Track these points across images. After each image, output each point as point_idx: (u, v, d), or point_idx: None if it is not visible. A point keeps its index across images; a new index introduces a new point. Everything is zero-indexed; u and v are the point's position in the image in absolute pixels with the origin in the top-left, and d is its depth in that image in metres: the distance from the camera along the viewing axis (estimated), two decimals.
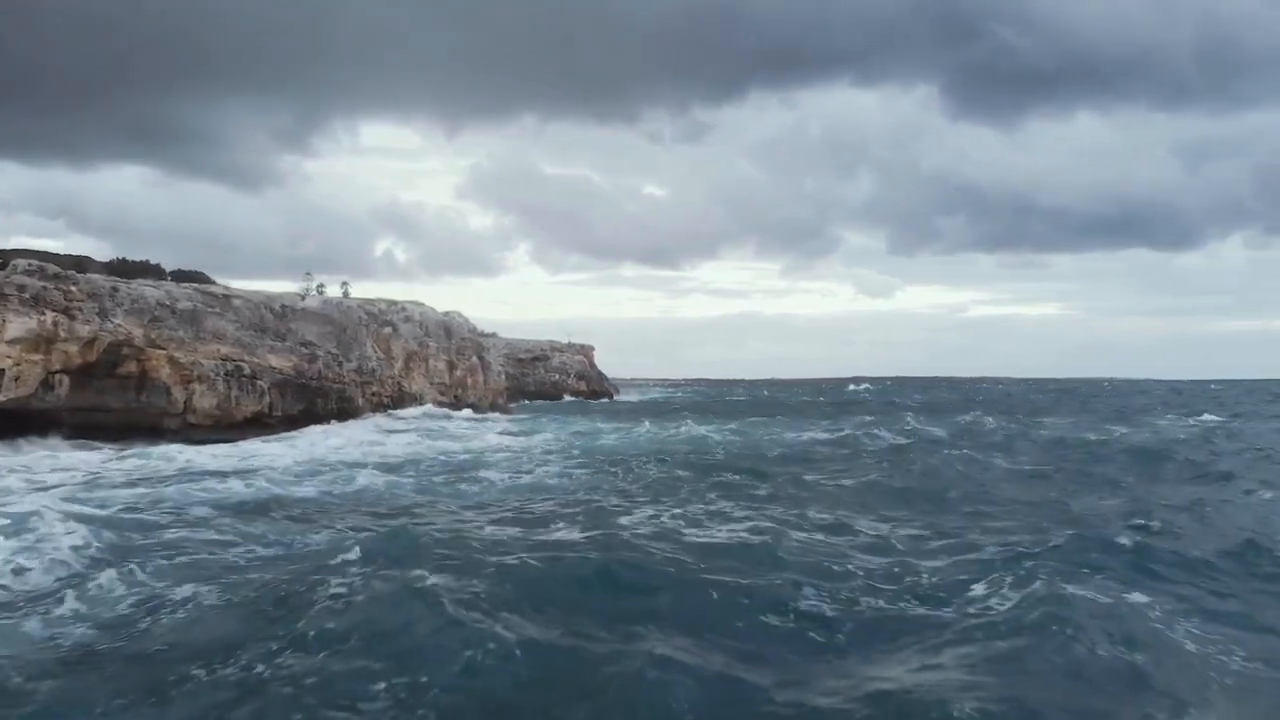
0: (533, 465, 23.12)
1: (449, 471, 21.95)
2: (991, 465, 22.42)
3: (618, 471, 20.91)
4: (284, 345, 35.61)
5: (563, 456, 25.56)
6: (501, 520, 14.11)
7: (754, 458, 24.87)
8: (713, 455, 25.80)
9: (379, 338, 38.43)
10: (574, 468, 22.54)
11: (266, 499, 16.89)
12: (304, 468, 22.43)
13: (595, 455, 25.86)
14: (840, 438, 31.08)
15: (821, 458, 25.15)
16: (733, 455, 25.84)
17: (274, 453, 26.69)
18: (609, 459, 24.13)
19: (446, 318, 40.91)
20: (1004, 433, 32.96)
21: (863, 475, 20.13)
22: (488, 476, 20.52)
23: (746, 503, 15.69)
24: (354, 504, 16.89)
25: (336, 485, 19.14)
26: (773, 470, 21.24)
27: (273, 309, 36.04)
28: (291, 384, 35.29)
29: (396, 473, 21.30)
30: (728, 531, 12.86)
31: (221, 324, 34.37)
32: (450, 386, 40.10)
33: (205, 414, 32.94)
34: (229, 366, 33.79)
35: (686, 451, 26.66)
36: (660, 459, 23.31)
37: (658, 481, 18.66)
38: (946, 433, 33.10)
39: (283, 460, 24.34)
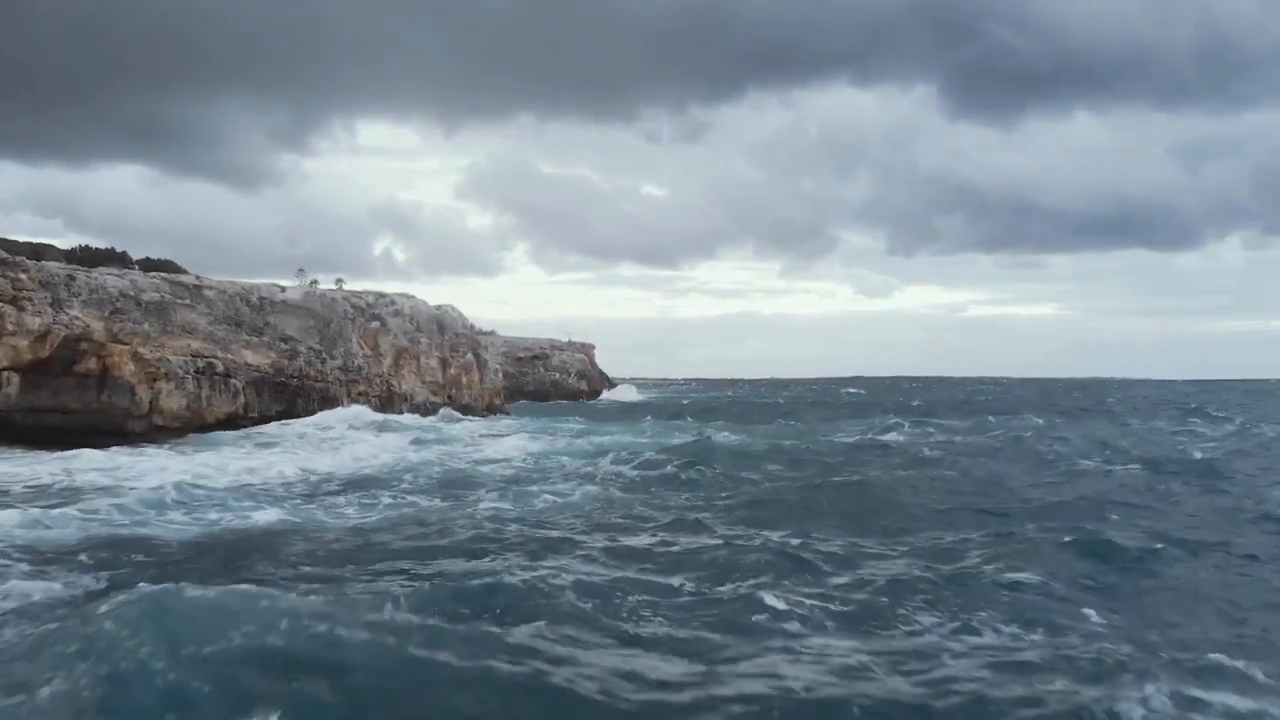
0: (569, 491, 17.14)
1: (440, 490, 18.40)
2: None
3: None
4: (261, 340, 32.73)
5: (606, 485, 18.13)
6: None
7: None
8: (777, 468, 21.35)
9: (366, 333, 35.56)
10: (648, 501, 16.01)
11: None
12: (185, 495, 16.41)
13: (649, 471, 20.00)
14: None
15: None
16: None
17: (167, 469, 21.10)
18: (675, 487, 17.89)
19: (439, 312, 38.04)
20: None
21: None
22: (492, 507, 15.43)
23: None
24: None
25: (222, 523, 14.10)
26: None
27: (249, 301, 33.15)
28: (269, 383, 32.41)
29: (316, 502, 16.29)
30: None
31: (192, 317, 31.47)
32: (443, 386, 37.23)
33: (173, 415, 30.05)
34: (200, 364, 30.91)
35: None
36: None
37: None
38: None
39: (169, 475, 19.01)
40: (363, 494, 17.40)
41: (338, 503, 16.33)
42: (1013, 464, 22.32)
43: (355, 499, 16.74)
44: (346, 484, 18.99)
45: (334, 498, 16.98)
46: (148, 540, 12.45)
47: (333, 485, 18.87)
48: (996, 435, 30.69)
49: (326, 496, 17.15)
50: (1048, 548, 11.11)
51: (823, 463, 22.69)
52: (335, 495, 17.32)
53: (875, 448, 26.95)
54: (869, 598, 8.94)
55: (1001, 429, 32.94)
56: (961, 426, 33.31)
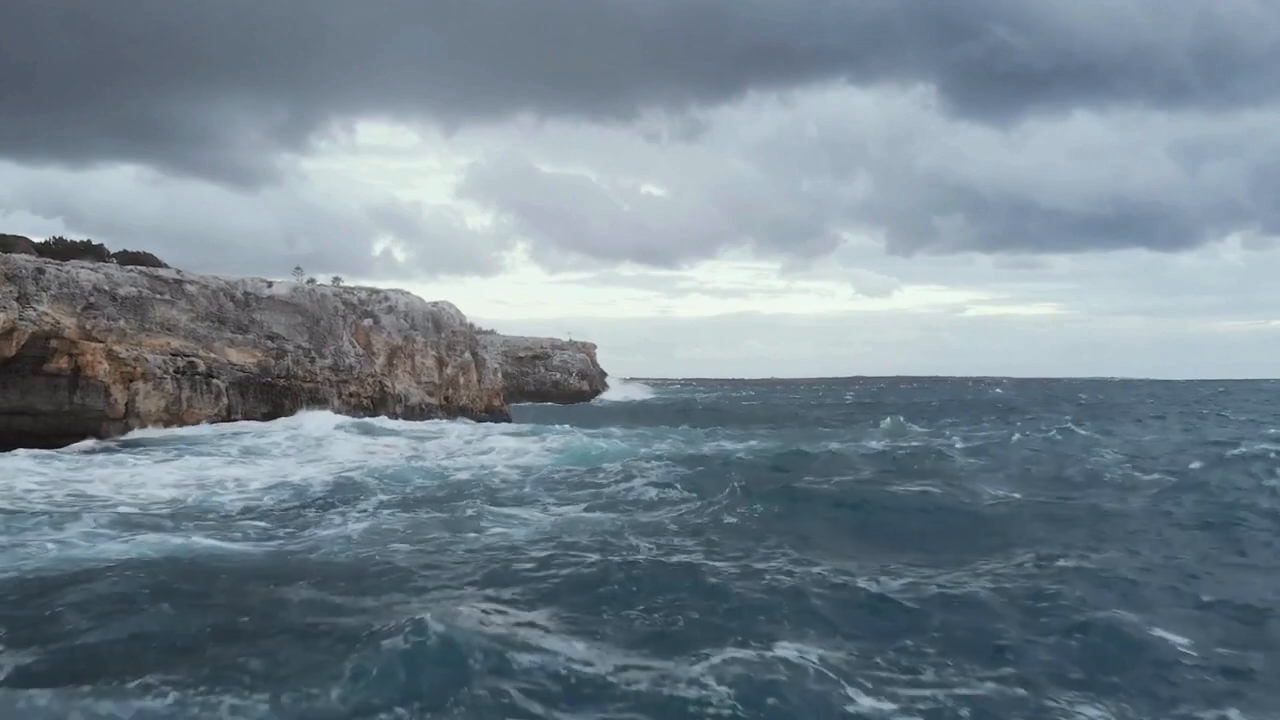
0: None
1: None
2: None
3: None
4: (246, 338, 30.88)
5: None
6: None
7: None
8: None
9: (358, 330, 33.70)
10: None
11: None
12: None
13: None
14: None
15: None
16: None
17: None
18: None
19: (435, 309, 36.17)
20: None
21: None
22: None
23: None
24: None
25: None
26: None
27: (234, 296, 31.30)
28: (255, 383, 30.56)
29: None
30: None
31: (172, 313, 29.63)
32: (440, 386, 35.37)
33: (151, 417, 28.22)
34: (180, 363, 29.07)
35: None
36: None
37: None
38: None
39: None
40: (287, 523, 14.07)
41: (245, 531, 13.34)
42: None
43: (276, 527, 13.68)
44: (267, 510, 15.28)
45: (251, 521, 14.15)
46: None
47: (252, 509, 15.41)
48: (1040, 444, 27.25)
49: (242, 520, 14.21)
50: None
51: (888, 499, 15.60)
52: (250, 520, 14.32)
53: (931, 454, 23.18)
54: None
55: (1034, 434, 29.95)
56: (998, 435, 29.95)
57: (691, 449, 24.90)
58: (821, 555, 11.00)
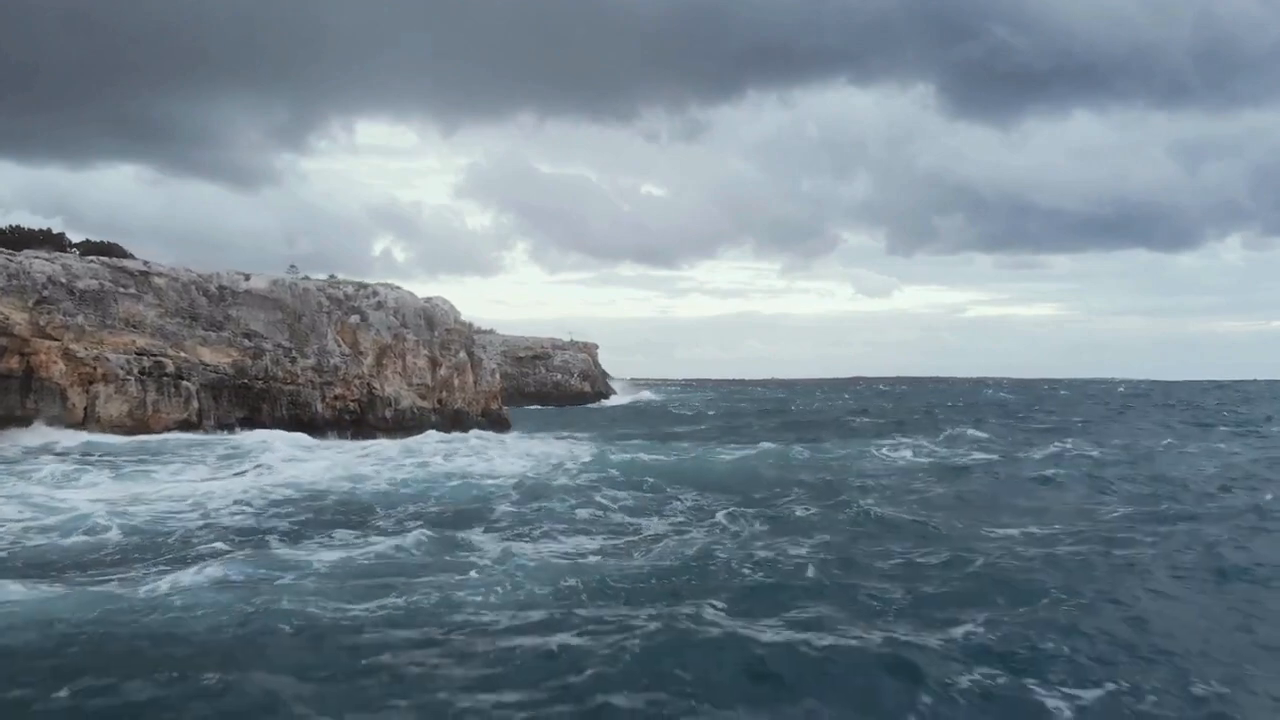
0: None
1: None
2: None
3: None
4: (221, 336, 28.29)
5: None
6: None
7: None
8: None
9: (344, 328, 31.09)
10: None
11: None
12: None
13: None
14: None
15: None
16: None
17: None
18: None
19: (428, 305, 33.56)
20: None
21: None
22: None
23: None
24: None
25: None
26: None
27: (207, 290, 28.69)
28: (229, 385, 27.95)
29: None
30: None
31: (138, 309, 27.04)
32: (433, 388, 32.77)
33: (113, 423, 25.64)
34: (146, 363, 26.48)
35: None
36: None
37: None
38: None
39: None
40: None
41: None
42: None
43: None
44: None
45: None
46: None
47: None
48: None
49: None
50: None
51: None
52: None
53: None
54: None
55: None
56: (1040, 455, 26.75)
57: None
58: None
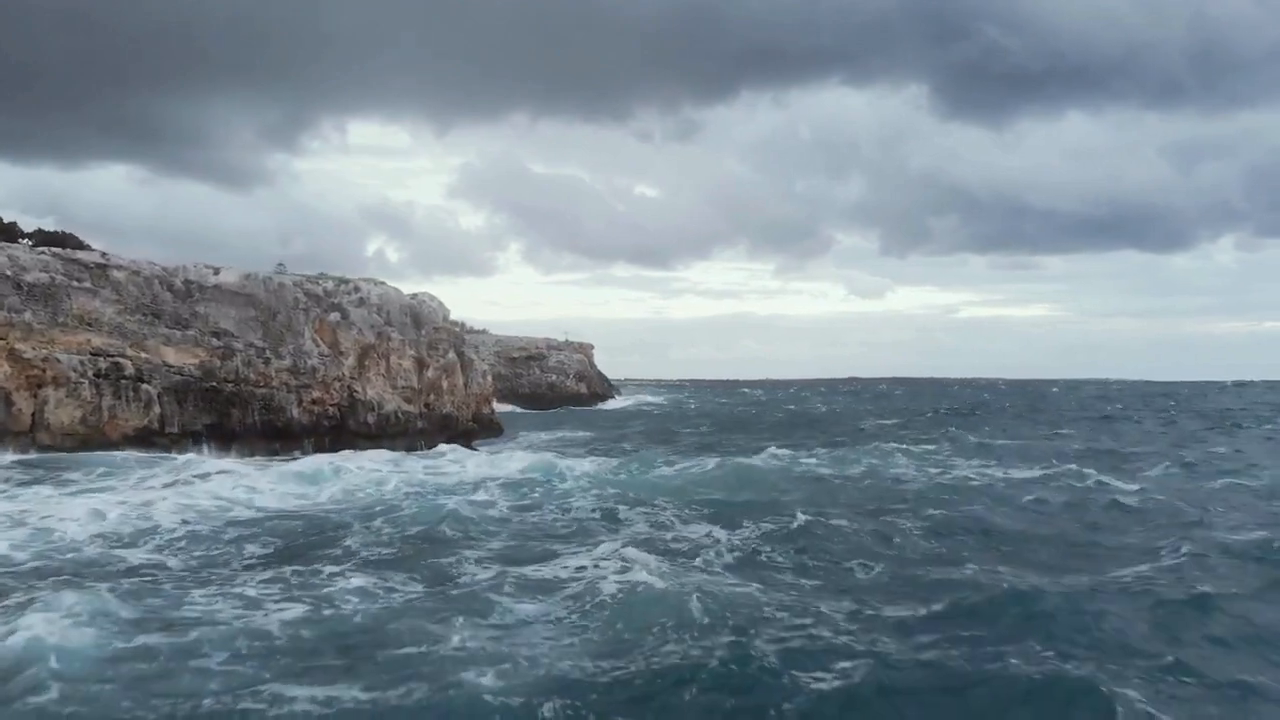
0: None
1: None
2: None
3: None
4: (187, 335, 25.96)
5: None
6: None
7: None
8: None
9: (322, 326, 28.78)
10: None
11: None
12: None
13: None
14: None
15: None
16: None
17: None
18: None
19: (415, 302, 31.25)
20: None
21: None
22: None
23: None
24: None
25: None
26: None
27: (172, 285, 26.36)
28: (195, 388, 25.62)
29: None
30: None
31: (94, 304, 24.71)
32: (419, 391, 30.47)
33: (64, 431, 23.32)
34: (102, 364, 24.15)
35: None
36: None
37: None
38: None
39: None
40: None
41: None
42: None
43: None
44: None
45: None
46: None
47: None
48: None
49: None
50: None
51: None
52: None
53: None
54: None
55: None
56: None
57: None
58: None
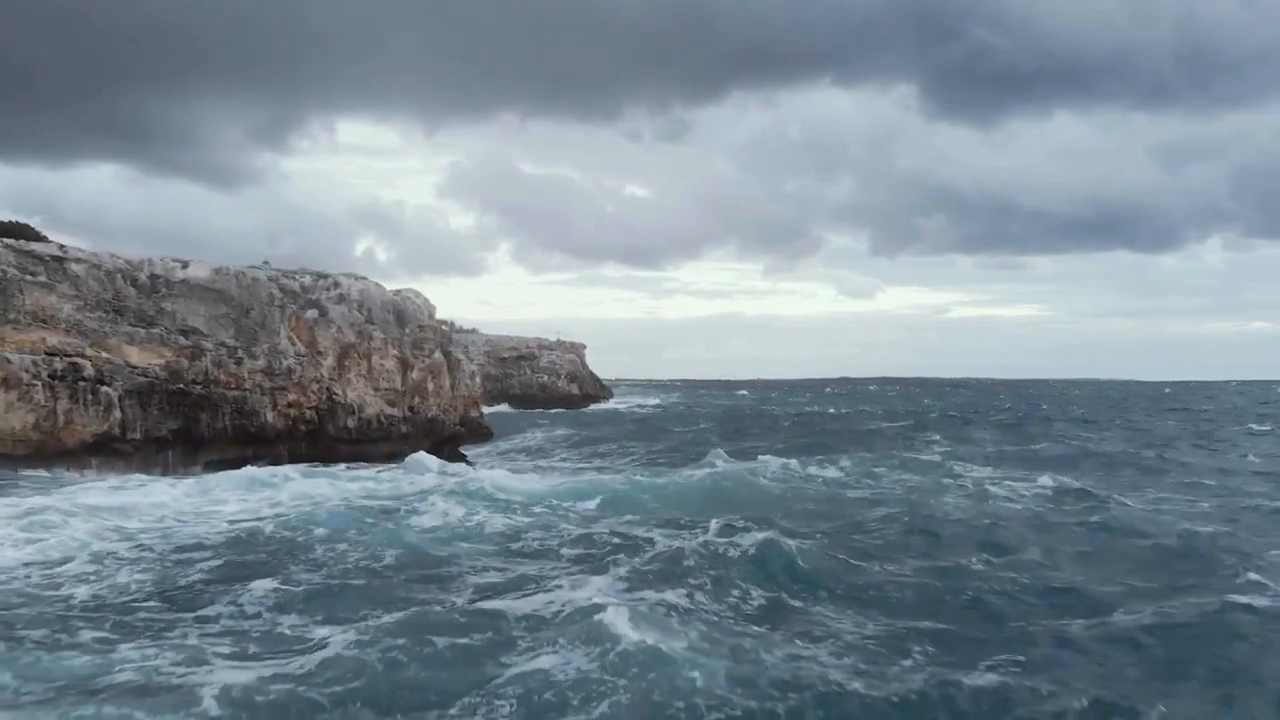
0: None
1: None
2: None
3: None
4: (152, 333, 24.17)
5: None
6: None
7: None
8: None
9: (299, 324, 27.01)
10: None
11: None
12: None
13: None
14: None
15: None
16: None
17: None
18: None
19: (398, 298, 29.51)
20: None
21: None
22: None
23: None
24: None
25: None
26: None
27: (136, 280, 24.55)
28: (161, 390, 23.83)
29: None
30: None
31: (49, 300, 22.89)
32: (403, 394, 28.72)
33: (15, 438, 21.50)
34: (59, 364, 22.34)
35: None
36: None
37: None
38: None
39: None
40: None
41: None
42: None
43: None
44: None
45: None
46: None
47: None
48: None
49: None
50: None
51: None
52: None
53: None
54: None
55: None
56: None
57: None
58: None
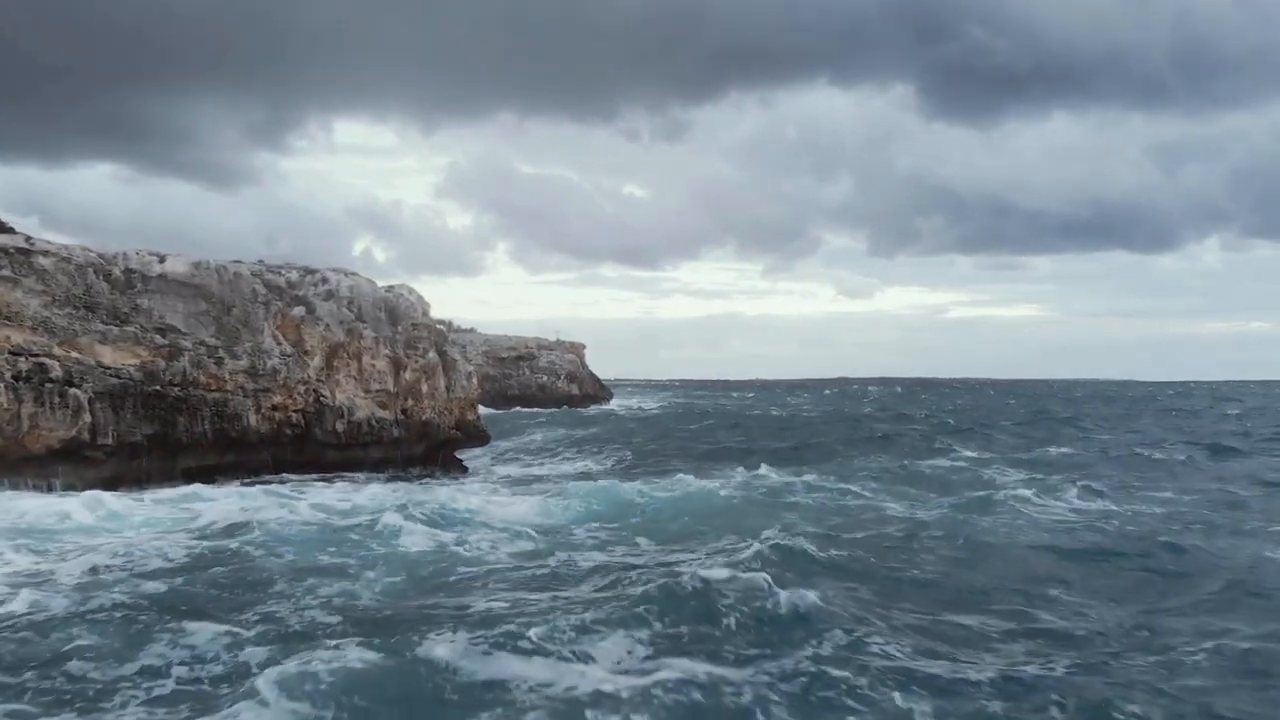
0: None
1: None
2: None
3: None
4: (126, 331, 22.65)
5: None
6: None
7: None
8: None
9: (285, 322, 25.49)
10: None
11: None
12: None
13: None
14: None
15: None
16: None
17: None
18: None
19: (390, 295, 27.98)
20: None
21: None
22: None
23: None
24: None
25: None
26: None
27: (109, 275, 23.03)
28: (135, 393, 22.30)
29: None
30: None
31: (16, 295, 21.37)
32: (395, 396, 27.19)
33: None
34: (23, 365, 20.82)
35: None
36: None
37: None
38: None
39: None
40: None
41: None
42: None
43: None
44: None
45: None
46: None
47: None
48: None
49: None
50: None
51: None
52: None
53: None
54: None
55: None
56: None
57: None
58: None
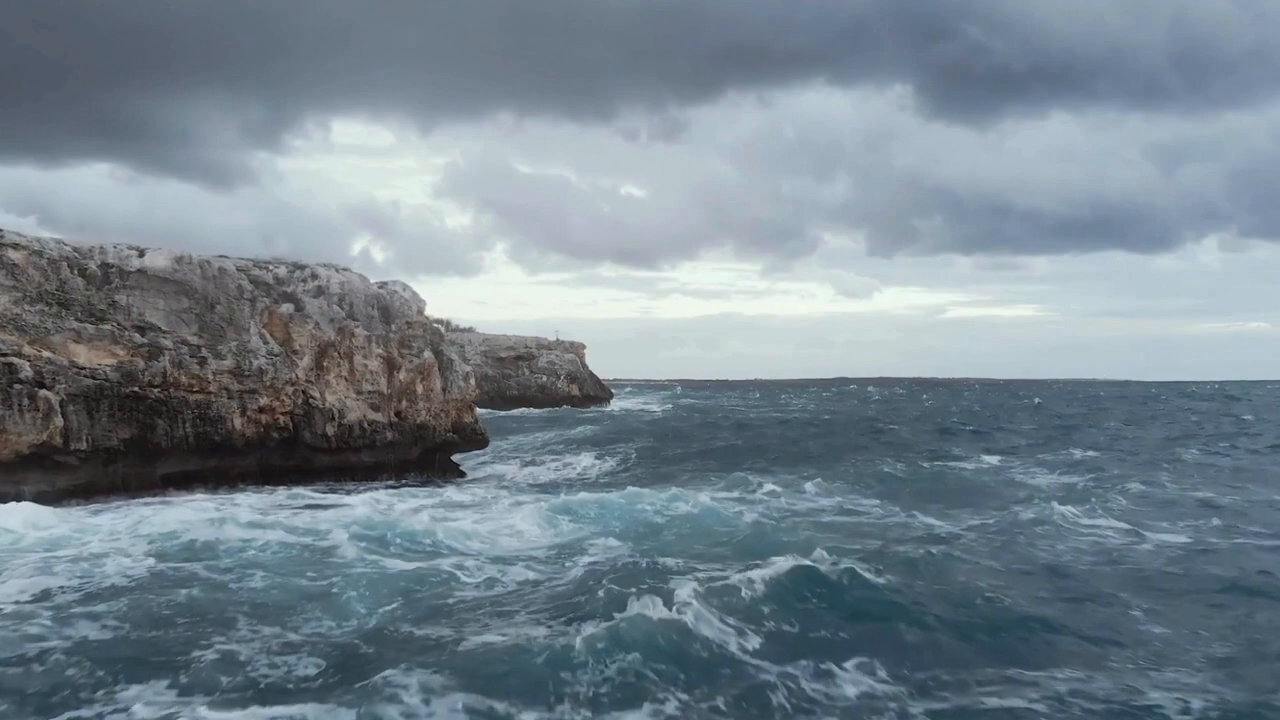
0: None
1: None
2: None
3: None
4: (102, 329, 21.38)
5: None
6: None
7: None
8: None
9: (272, 319, 24.23)
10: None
11: None
12: None
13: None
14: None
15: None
16: None
17: None
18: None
19: (384, 292, 26.72)
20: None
21: None
22: None
23: None
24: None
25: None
26: None
27: (85, 269, 21.76)
28: (111, 394, 21.03)
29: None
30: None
31: None
32: (389, 397, 25.94)
33: None
34: None
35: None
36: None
37: None
38: None
39: None
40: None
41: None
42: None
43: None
44: None
45: None
46: None
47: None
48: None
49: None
50: None
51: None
52: None
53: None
54: None
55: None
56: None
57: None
58: None
